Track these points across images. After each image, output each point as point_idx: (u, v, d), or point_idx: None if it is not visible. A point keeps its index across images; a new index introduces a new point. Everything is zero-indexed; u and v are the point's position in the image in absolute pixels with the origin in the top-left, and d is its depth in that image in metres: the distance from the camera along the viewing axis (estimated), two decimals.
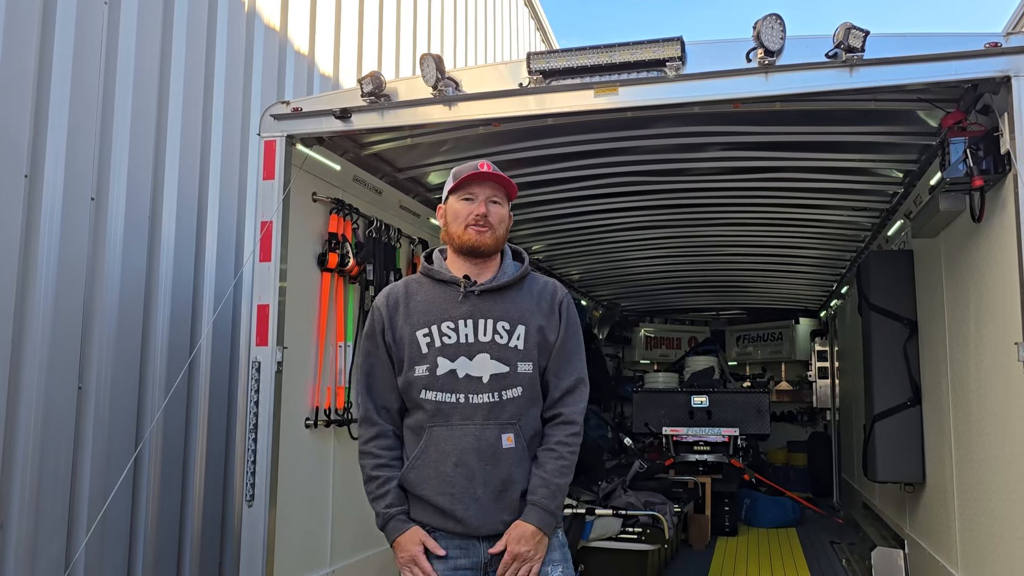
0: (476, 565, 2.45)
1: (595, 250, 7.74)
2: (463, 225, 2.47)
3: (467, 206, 2.47)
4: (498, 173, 2.50)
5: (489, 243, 2.48)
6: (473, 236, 2.46)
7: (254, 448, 3.74)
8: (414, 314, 2.53)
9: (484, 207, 2.46)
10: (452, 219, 2.51)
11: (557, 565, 2.45)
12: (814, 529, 8.78)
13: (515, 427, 2.43)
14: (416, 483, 2.45)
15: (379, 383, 2.55)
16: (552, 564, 2.45)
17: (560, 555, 2.49)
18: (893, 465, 5.38)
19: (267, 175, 3.90)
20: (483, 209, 2.46)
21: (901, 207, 5.56)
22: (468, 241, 2.47)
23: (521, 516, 2.40)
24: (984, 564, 3.92)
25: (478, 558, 2.45)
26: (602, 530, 5.92)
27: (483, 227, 2.46)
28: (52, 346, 3.53)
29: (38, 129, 3.55)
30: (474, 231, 2.46)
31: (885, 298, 5.52)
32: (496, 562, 2.44)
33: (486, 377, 2.45)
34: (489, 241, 2.47)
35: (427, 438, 2.45)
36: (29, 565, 3.36)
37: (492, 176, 2.48)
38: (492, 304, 2.50)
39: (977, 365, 3.96)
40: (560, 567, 2.46)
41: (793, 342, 11.80)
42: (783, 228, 6.85)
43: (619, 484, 6.66)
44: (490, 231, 2.47)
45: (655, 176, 5.53)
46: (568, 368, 2.54)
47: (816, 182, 5.46)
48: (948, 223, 4.32)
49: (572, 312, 2.62)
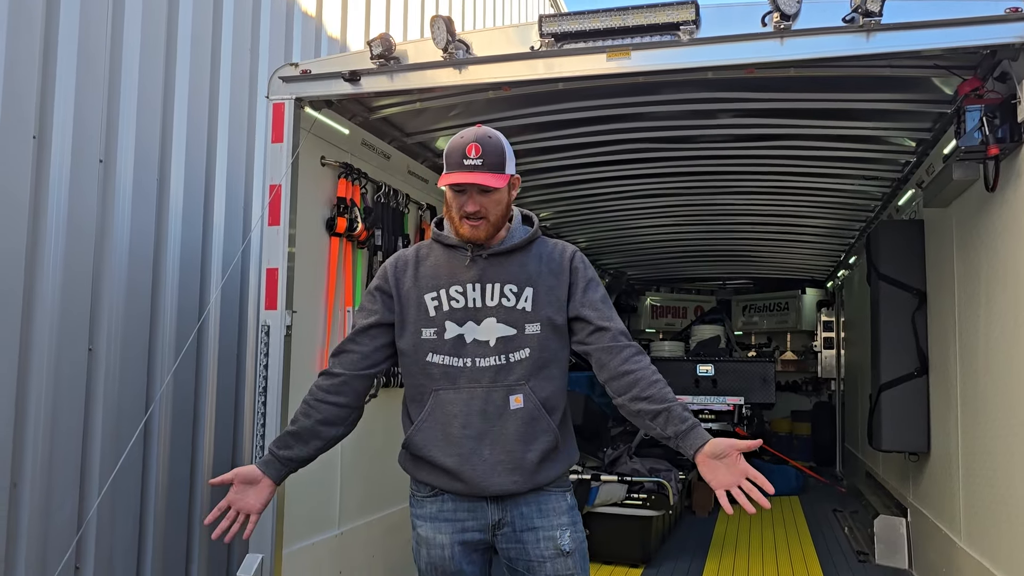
0: (484, 527, 2.46)
1: (603, 218, 7.70)
2: (457, 217, 2.42)
3: (458, 199, 2.40)
4: (482, 174, 2.33)
5: (483, 235, 2.43)
6: (467, 231, 2.42)
7: (263, 411, 3.77)
8: (423, 278, 2.52)
9: (473, 203, 2.38)
10: (448, 205, 2.46)
11: (566, 528, 2.46)
12: (817, 498, 8.84)
13: (524, 388, 2.42)
14: (422, 445, 2.45)
15: (357, 331, 2.54)
16: (561, 528, 2.46)
17: (569, 518, 2.50)
18: (898, 434, 5.40)
19: (275, 138, 3.88)
20: (472, 207, 2.38)
21: (913, 177, 5.52)
22: (464, 235, 2.43)
23: (695, 444, 2.26)
24: (987, 533, 3.95)
25: (486, 520, 2.46)
26: (607, 496, 5.97)
27: (475, 222, 2.40)
28: (62, 308, 3.54)
29: (45, 90, 3.53)
30: (468, 225, 2.41)
31: (894, 268, 5.49)
32: (503, 523, 2.45)
33: (493, 340, 2.43)
34: (483, 234, 2.42)
35: (433, 401, 2.44)
36: (43, 524, 3.41)
37: (476, 177, 2.33)
38: (500, 268, 2.48)
39: (986, 335, 3.95)
40: (569, 530, 2.47)
41: (799, 312, 11.80)
42: (792, 197, 6.81)
43: (625, 451, 6.71)
44: (484, 223, 2.41)
45: (665, 143, 5.49)
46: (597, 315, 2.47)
47: (827, 150, 5.41)
48: (961, 193, 4.29)
49: (586, 266, 2.55)
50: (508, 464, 2.40)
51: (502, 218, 2.48)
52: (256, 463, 2.52)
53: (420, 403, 2.49)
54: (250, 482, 2.46)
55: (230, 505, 2.44)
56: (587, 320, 2.49)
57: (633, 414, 2.40)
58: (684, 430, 2.29)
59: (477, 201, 2.39)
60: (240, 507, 2.44)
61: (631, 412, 2.40)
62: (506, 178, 2.43)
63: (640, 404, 2.36)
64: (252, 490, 2.45)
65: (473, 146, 2.37)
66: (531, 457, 2.42)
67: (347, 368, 2.53)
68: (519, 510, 2.45)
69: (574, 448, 2.63)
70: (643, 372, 2.40)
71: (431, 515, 2.49)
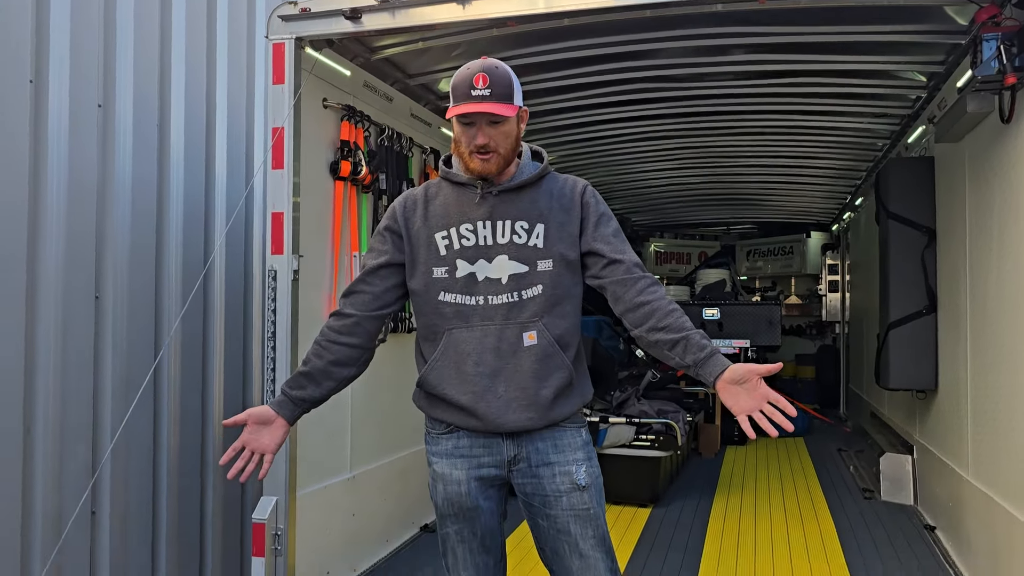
0: (499, 463, 2.47)
1: (607, 162, 7.63)
2: (467, 151, 2.37)
3: (467, 132, 2.36)
4: (491, 103, 2.29)
5: (494, 168, 2.39)
6: (478, 164, 2.37)
7: (273, 356, 3.77)
8: (432, 216, 2.48)
9: (483, 136, 2.33)
10: (457, 140, 2.42)
11: (582, 463, 2.46)
12: (821, 439, 8.92)
13: (537, 324, 2.40)
14: (436, 384, 2.45)
15: (368, 271, 2.51)
16: (577, 463, 2.46)
17: (584, 453, 2.50)
18: (906, 372, 5.42)
19: (277, 80, 3.81)
20: (482, 139, 2.33)
21: (924, 113, 5.44)
22: (474, 169, 2.39)
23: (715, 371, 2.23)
24: (996, 466, 3.97)
25: (501, 456, 2.46)
26: (615, 438, 6.02)
27: (485, 155, 2.36)
28: (67, 255, 3.51)
29: (40, 33, 3.44)
30: (478, 159, 2.36)
31: (904, 206, 5.45)
32: (519, 459, 2.46)
33: (505, 278, 2.41)
34: (494, 167, 2.38)
35: (446, 340, 2.43)
36: (56, 470, 3.42)
37: (485, 106, 2.29)
38: (510, 204, 2.44)
39: (999, 269, 3.92)
40: (585, 465, 2.47)
41: (803, 256, 11.77)
42: (799, 137, 6.73)
43: (632, 393, 6.74)
44: (494, 156, 2.37)
45: (672, 82, 5.40)
46: (610, 248, 2.44)
47: (836, 86, 5.33)
48: (974, 126, 4.22)
49: (598, 200, 2.51)
50: (523, 401, 2.39)
51: (512, 151, 2.44)
52: (269, 403, 2.52)
53: (433, 342, 2.47)
54: (264, 422, 2.46)
55: (244, 445, 2.44)
56: (600, 254, 2.46)
57: (651, 345, 2.38)
58: (703, 358, 2.27)
59: (487, 133, 2.35)
60: (255, 447, 2.44)
61: (649, 343, 2.38)
62: (515, 108, 2.38)
63: (658, 335, 2.34)
64: (266, 430, 2.45)
65: (480, 76, 2.32)
66: (546, 394, 2.41)
67: (359, 309, 2.51)
68: (534, 445, 2.45)
69: (588, 385, 2.62)
70: (659, 303, 2.37)
71: (447, 452, 2.50)
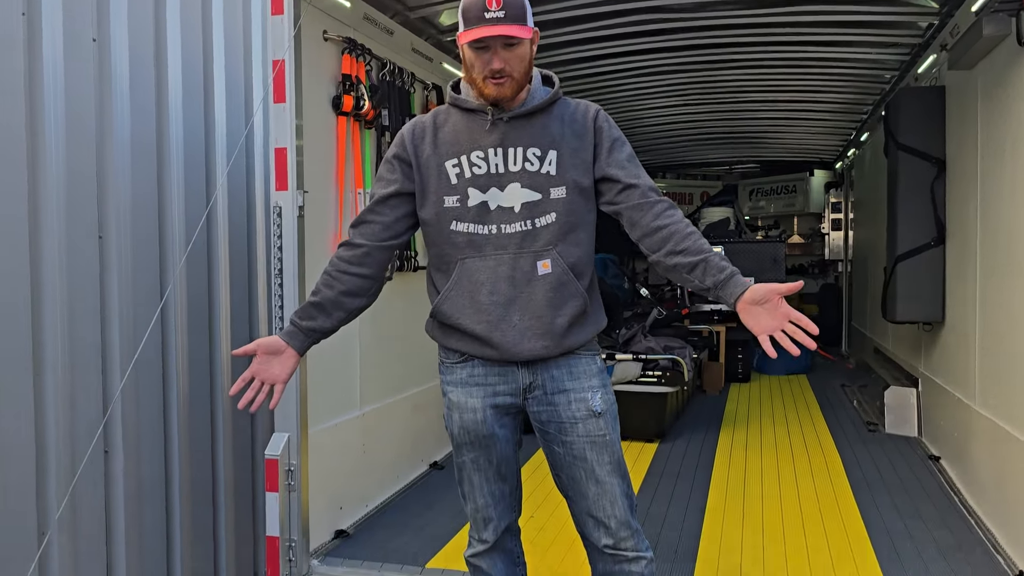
0: (515, 391, 2.47)
1: (607, 99, 7.49)
2: (481, 76, 2.31)
3: (481, 57, 2.29)
4: (507, 26, 2.23)
5: (509, 93, 2.33)
6: (492, 89, 2.31)
7: (280, 293, 3.74)
8: (442, 144, 2.44)
9: (499, 59, 2.27)
10: (469, 66, 2.35)
11: (597, 390, 2.46)
12: (824, 375, 8.98)
13: (551, 253, 2.38)
14: (450, 314, 2.43)
15: (377, 200, 2.48)
16: (592, 389, 2.46)
17: (599, 380, 2.50)
18: (913, 305, 5.41)
19: (275, 10, 3.71)
20: (498, 63, 2.27)
21: (935, 41, 5.32)
22: (489, 95, 2.33)
23: (735, 292, 2.22)
24: (1004, 394, 3.98)
25: (517, 384, 2.46)
26: (622, 374, 6.04)
27: (500, 79, 2.30)
28: (68, 195, 3.45)
29: None
30: (492, 84, 2.30)
31: (914, 137, 5.38)
32: (534, 387, 2.45)
33: (518, 206, 2.38)
34: (509, 92, 2.33)
35: (459, 269, 2.40)
36: (69, 411, 3.42)
37: (501, 29, 2.23)
38: (522, 131, 2.39)
39: (1011, 198, 3.87)
40: (600, 392, 2.47)
41: (807, 195, 11.69)
42: (804, 69, 6.60)
43: (639, 330, 6.75)
44: (509, 80, 2.31)
45: (674, 12, 5.26)
46: (625, 173, 2.42)
47: (846, 13, 5.19)
48: (989, 51, 4.13)
49: (611, 125, 2.48)
50: (538, 329, 2.38)
51: (525, 76, 2.38)
52: (279, 334, 2.50)
53: (446, 272, 2.45)
54: (273, 352, 2.44)
55: (254, 376, 2.42)
56: (615, 179, 2.42)
57: (669, 269, 2.36)
58: (723, 279, 2.25)
59: (502, 57, 2.29)
60: (264, 377, 2.42)
61: (667, 267, 2.36)
62: (530, 30, 2.33)
63: (676, 258, 2.31)
64: (276, 360, 2.44)
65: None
66: (560, 322, 2.40)
67: (368, 239, 2.48)
68: (550, 373, 2.44)
69: (602, 313, 2.61)
70: (676, 226, 2.34)
71: (462, 380, 2.49)
